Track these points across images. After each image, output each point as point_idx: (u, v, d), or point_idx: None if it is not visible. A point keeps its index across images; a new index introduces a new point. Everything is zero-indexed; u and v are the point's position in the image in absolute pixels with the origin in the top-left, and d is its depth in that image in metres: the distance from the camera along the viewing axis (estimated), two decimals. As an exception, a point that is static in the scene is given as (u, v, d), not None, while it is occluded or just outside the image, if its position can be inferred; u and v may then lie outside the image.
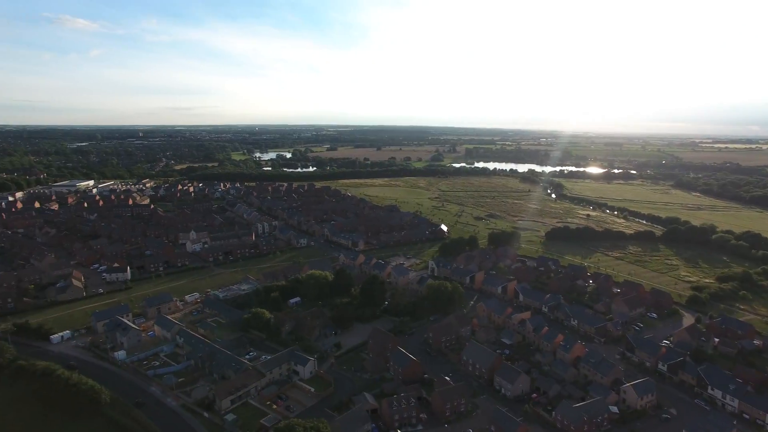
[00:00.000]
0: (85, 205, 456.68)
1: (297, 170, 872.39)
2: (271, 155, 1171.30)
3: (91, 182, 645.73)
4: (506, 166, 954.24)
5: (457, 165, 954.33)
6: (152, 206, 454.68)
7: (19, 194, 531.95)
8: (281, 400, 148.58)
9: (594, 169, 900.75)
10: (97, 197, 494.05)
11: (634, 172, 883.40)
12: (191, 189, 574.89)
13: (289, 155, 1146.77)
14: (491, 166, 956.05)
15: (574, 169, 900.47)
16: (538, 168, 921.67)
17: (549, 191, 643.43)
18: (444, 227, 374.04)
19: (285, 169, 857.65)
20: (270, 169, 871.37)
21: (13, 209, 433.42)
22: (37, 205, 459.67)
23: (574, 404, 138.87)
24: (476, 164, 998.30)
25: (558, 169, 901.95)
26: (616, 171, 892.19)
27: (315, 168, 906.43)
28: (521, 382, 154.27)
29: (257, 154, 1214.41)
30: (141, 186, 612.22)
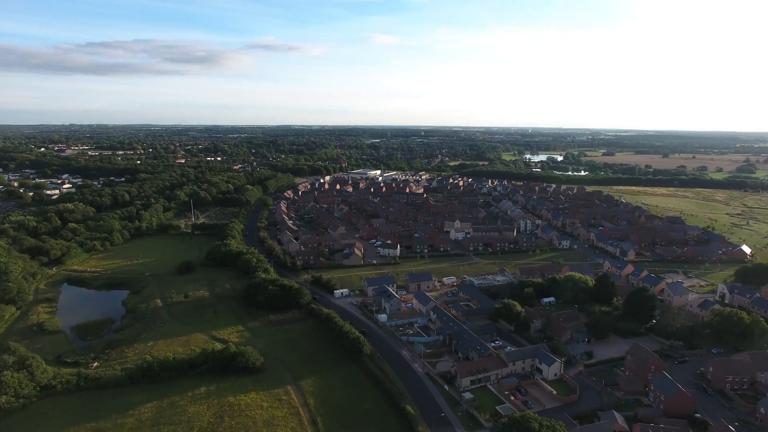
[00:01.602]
0: (371, 190, 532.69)
1: (567, 173, 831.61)
2: (542, 157, 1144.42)
3: (378, 172, 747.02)
4: None
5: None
6: (425, 195, 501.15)
7: (327, 178, 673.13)
8: (520, 394, 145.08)
9: None
10: (381, 184, 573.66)
11: None
12: (461, 183, 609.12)
13: (560, 158, 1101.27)
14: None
15: None
16: None
17: None
18: (746, 248, 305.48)
19: (554, 172, 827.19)
20: (539, 170, 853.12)
21: (322, 189, 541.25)
22: (338, 187, 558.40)
23: None
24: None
25: None
26: None
27: (587, 172, 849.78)
28: None
29: (527, 156, 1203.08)
30: (417, 177, 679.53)
